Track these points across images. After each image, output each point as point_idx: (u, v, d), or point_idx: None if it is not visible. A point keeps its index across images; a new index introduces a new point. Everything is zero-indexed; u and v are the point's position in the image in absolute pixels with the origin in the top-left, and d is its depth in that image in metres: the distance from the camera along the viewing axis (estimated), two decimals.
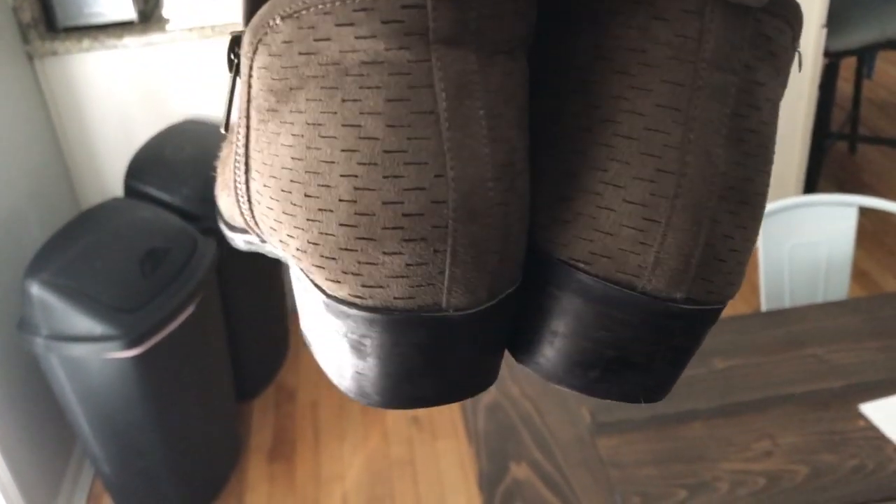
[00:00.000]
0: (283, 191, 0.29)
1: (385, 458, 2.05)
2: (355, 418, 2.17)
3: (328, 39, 0.26)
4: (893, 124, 3.37)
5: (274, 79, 0.28)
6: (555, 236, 0.30)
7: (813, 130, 2.53)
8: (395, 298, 0.28)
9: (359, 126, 0.26)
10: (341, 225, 0.27)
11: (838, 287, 1.56)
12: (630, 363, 0.32)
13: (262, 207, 0.30)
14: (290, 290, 1.62)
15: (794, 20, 0.30)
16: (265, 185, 0.30)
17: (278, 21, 0.27)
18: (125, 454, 1.80)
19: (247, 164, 0.31)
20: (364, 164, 0.26)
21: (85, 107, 2.12)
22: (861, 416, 1.08)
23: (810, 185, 2.66)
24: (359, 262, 0.27)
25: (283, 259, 0.34)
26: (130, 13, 2.06)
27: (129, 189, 1.97)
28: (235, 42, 0.31)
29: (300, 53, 0.27)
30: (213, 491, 1.97)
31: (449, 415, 2.15)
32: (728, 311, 2.56)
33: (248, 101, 0.30)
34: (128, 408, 1.72)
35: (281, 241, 0.30)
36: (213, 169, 0.40)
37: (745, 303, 2.45)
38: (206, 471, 1.96)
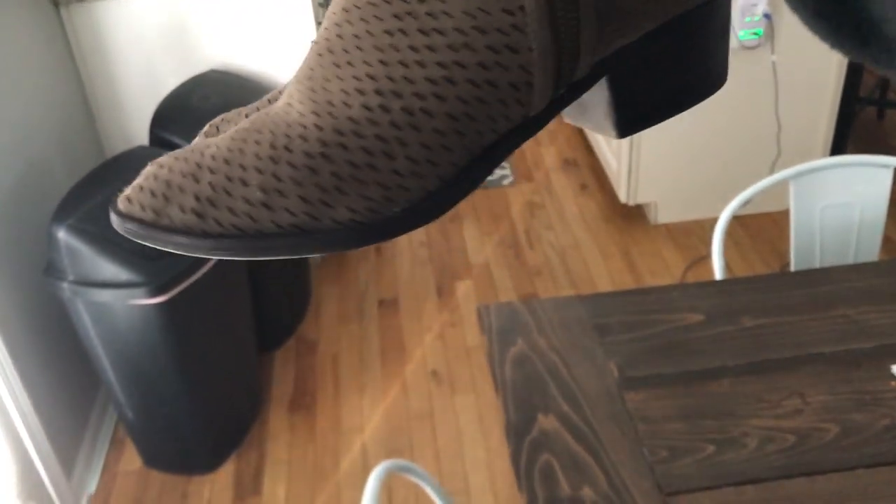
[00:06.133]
0: None
1: (404, 410, 2.06)
2: (375, 371, 2.18)
3: None
4: None
5: None
6: None
7: (842, 95, 2.49)
8: None
9: None
10: None
11: (869, 249, 1.54)
12: None
13: None
14: None
15: None
16: None
17: None
18: (148, 401, 1.82)
19: None
20: None
21: (110, 54, 2.11)
22: (893, 377, 1.08)
23: (837, 150, 2.63)
24: None
25: None
26: None
27: (155, 138, 1.97)
28: None
29: None
30: (235, 439, 2.00)
31: (468, 369, 2.16)
32: (751, 270, 2.53)
33: None
34: (151, 355, 1.73)
35: None
36: None
37: (767, 267, 2.44)
38: (227, 419, 1.98)
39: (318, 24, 2.17)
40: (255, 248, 0.33)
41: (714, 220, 1.53)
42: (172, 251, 0.34)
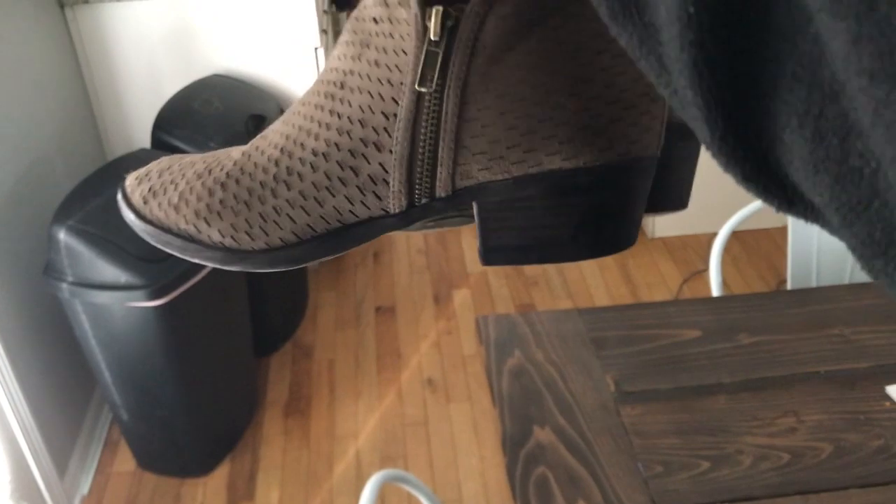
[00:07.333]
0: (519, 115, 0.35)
1: (399, 418, 2.07)
2: (371, 378, 2.19)
3: None
4: None
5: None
6: None
7: None
8: None
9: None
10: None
11: None
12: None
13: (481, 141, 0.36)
14: None
15: None
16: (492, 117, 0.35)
17: None
18: (144, 403, 1.82)
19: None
20: None
21: (114, 56, 2.12)
22: (887, 398, 1.08)
23: None
24: None
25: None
26: None
27: (157, 141, 1.97)
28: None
29: None
30: (229, 443, 2.00)
31: (463, 378, 2.17)
32: (748, 286, 2.54)
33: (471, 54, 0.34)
34: (148, 357, 1.73)
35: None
36: (241, 124, 0.46)
37: (763, 282, 2.45)
38: (222, 423, 1.98)
39: (322, 30, 2.18)
40: (163, 241, 0.40)
41: (710, 236, 1.54)
42: (126, 222, 0.42)
